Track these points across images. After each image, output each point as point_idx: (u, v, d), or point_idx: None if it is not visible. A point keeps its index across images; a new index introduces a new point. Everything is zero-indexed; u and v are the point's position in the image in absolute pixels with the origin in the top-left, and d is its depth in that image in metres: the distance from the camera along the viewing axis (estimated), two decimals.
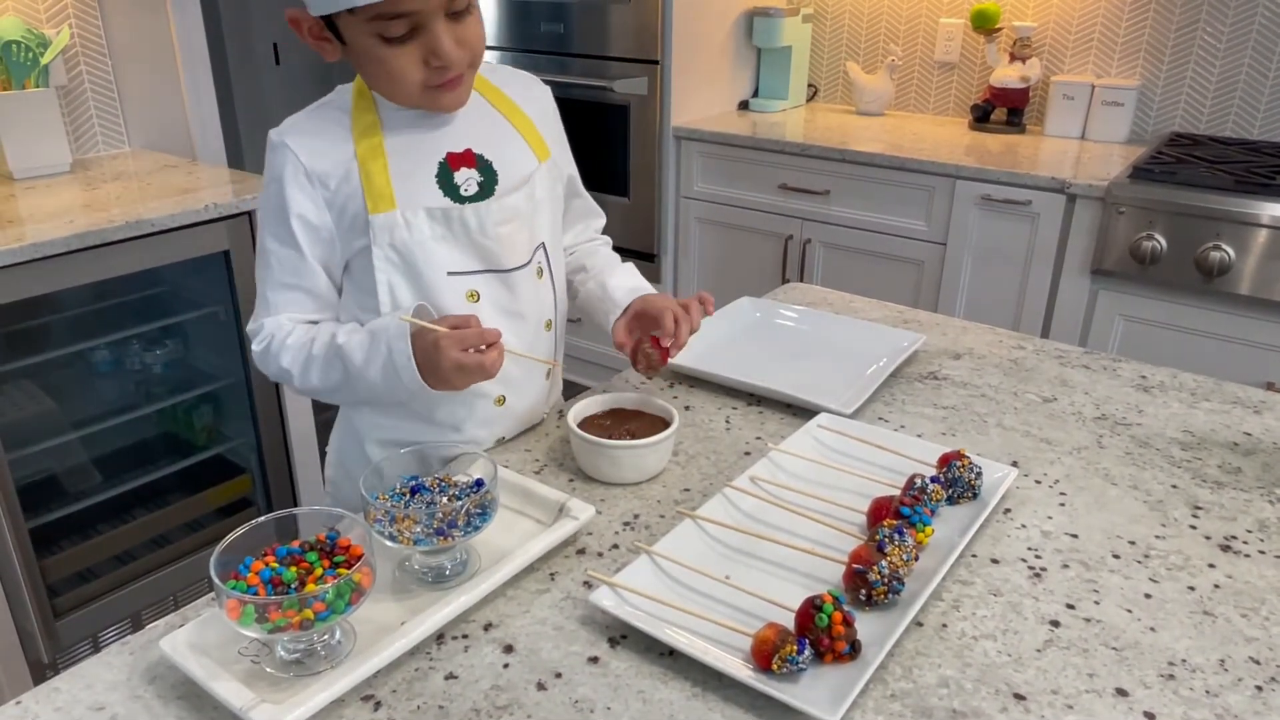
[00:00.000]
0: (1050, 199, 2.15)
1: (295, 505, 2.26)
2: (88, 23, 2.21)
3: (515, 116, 1.05)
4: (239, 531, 0.71)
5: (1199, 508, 0.93)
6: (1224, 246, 1.94)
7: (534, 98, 1.08)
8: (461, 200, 0.98)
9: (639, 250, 2.84)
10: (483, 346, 0.89)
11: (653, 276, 2.82)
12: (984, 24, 2.61)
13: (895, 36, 2.87)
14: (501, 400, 1.05)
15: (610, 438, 0.96)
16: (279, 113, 1.00)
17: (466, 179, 0.98)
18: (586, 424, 0.99)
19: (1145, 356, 2.09)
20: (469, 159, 0.99)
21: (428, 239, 0.96)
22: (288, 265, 0.98)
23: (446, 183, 0.97)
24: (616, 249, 1.23)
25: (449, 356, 0.88)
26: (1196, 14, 2.39)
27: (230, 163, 2.34)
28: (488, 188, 0.99)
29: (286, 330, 0.99)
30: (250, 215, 1.95)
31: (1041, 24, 2.61)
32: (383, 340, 0.92)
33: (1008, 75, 2.58)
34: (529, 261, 1.03)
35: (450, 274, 0.98)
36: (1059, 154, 2.37)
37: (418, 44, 0.90)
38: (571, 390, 1.20)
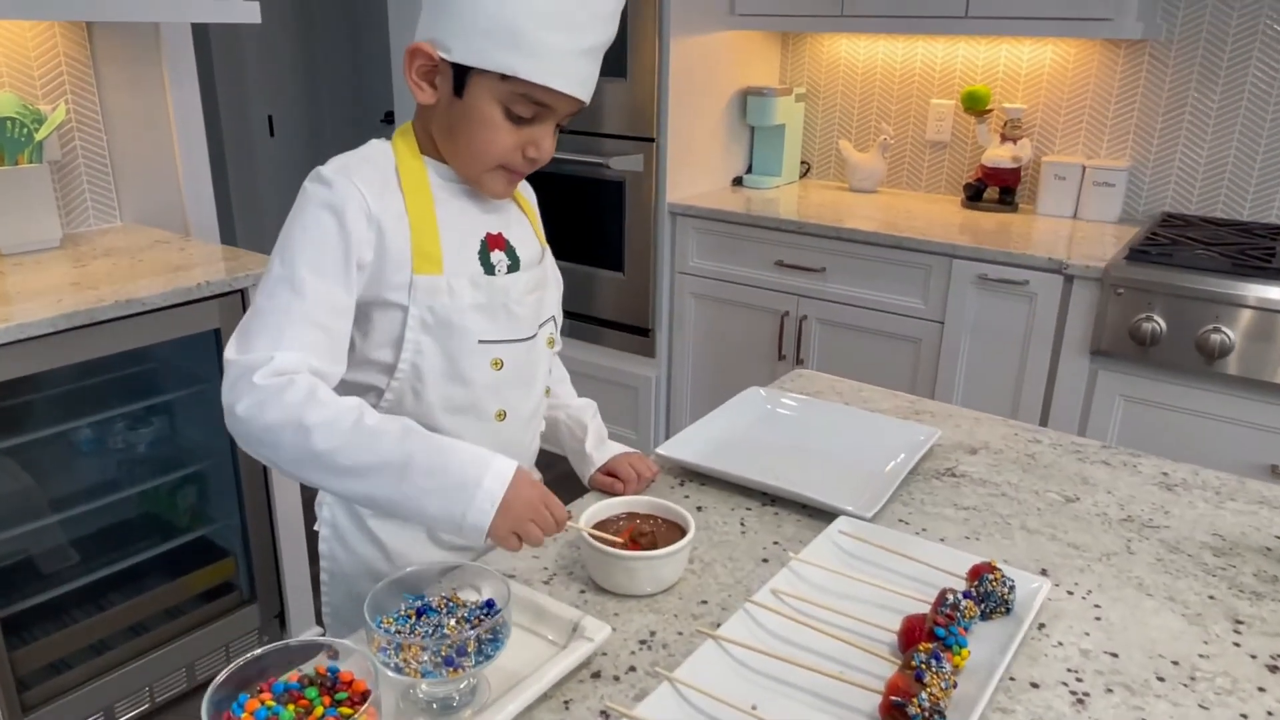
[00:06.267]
0: (1048, 279, 2.16)
1: (280, 590, 2.18)
2: (84, 97, 2.20)
3: (524, 206, 1.11)
4: (232, 668, 0.66)
5: (1240, 621, 0.89)
6: (1224, 329, 1.94)
7: (529, 193, 1.16)
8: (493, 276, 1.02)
9: (634, 325, 2.81)
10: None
11: (648, 352, 2.79)
12: (975, 105, 2.65)
13: (887, 116, 2.91)
14: (502, 415, 1.04)
15: (624, 543, 0.92)
16: (272, 186, 0.98)
17: (499, 260, 1.02)
18: (597, 529, 0.95)
19: (1146, 438, 2.08)
20: (501, 242, 1.03)
21: (466, 306, 0.98)
22: (324, 303, 0.90)
23: (484, 260, 1.01)
24: (612, 324, 1.23)
25: (529, 499, 0.88)
26: (1184, 96, 2.43)
27: (223, 238, 2.32)
28: (513, 269, 1.04)
29: (312, 382, 0.88)
30: (243, 294, 1.91)
31: (1031, 105, 2.65)
32: (485, 467, 0.87)
33: (999, 155, 2.61)
34: (538, 332, 1.07)
35: (481, 342, 0.99)
36: (1053, 233, 2.38)
37: (526, 132, 0.95)
38: (570, 480, 1.16)
